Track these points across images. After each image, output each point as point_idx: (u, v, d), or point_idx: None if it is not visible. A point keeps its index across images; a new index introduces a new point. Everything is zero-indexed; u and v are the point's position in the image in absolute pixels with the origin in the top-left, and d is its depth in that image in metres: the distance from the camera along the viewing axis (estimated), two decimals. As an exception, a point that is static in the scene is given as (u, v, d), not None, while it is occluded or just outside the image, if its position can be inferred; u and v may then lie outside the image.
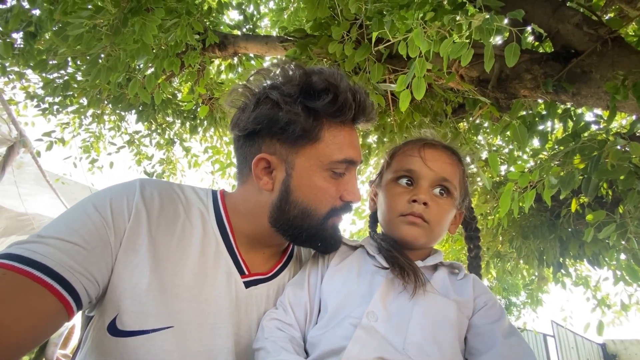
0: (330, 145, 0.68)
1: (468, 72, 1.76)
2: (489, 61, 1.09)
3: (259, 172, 0.69)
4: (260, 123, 0.67)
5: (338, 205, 0.71)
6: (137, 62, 1.80)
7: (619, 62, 1.40)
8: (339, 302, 0.68)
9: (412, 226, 0.73)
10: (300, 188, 0.68)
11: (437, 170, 0.75)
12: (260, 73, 0.71)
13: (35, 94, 2.92)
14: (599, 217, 1.53)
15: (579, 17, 1.52)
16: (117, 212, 0.63)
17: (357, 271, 0.74)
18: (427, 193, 0.74)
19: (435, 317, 0.64)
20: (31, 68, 2.05)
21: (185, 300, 0.63)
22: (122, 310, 0.60)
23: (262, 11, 3.39)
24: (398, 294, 0.68)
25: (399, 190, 0.77)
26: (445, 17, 1.17)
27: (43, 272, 0.53)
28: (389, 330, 0.62)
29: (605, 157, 1.30)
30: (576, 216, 2.40)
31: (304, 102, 0.66)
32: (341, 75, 0.69)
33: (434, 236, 0.75)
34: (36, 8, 1.70)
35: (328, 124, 0.68)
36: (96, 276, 0.58)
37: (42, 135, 3.10)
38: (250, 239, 0.74)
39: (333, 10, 1.64)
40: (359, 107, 0.69)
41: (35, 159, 3.36)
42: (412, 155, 0.78)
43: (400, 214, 0.74)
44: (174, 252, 0.65)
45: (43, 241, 0.56)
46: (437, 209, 0.74)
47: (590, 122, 1.77)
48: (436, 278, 0.72)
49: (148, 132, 3.68)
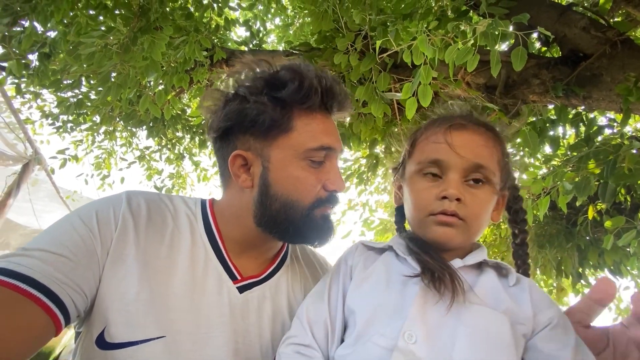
0: (303, 133, 0.66)
1: (474, 79, 1.75)
2: (496, 66, 1.08)
3: (236, 170, 0.68)
4: (230, 119, 0.67)
5: (323, 196, 0.68)
6: (147, 78, 1.85)
7: (630, 64, 1.37)
8: (367, 316, 0.60)
9: (446, 227, 0.62)
10: (279, 180, 0.66)
11: (470, 156, 0.62)
12: (230, 75, 0.72)
13: (51, 113, 3.02)
14: (618, 223, 1.47)
15: (586, 21, 1.51)
16: (103, 222, 0.62)
17: (386, 278, 0.64)
18: (459, 186, 0.62)
19: (485, 336, 0.53)
20: (46, 87, 2.12)
21: (175, 310, 0.61)
22: (110, 321, 0.58)
23: (269, 27, 3.47)
24: (437, 306, 0.57)
25: (426, 184, 0.65)
26: (449, 25, 1.17)
27: (29, 284, 0.51)
28: (430, 355, 0.53)
29: (621, 162, 1.26)
30: (594, 224, 2.32)
31: (270, 93, 0.66)
32: (308, 66, 0.68)
33: (472, 233, 0.63)
34: (51, 30, 1.77)
35: (298, 112, 0.67)
36: (83, 287, 0.57)
37: (57, 152, 3.19)
38: (240, 244, 0.72)
39: (337, 23, 1.66)
40: (327, 91, 0.68)
41: (50, 176, 3.44)
42: (437, 142, 0.65)
43: (429, 213, 0.63)
44: (163, 261, 0.64)
45: (28, 254, 0.55)
46: (474, 202, 0.62)
47: (603, 126, 1.74)
48: (483, 283, 0.60)
49: (158, 148, 3.75)
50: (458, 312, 0.56)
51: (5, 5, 1.59)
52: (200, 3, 2.16)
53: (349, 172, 3.10)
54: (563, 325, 0.56)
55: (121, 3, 1.70)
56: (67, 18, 1.81)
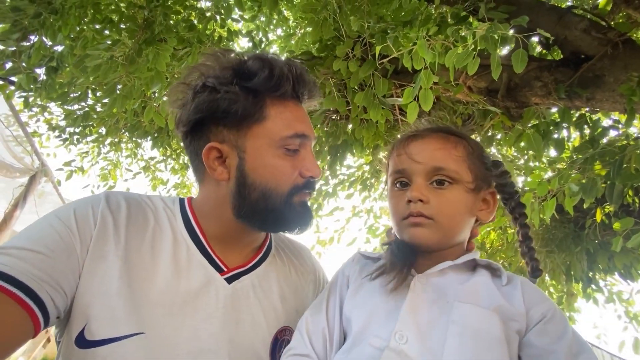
0: (277, 122, 0.66)
1: (476, 83, 1.76)
2: (497, 69, 1.08)
3: (211, 163, 0.67)
4: (201, 111, 0.66)
5: (300, 183, 0.69)
6: (151, 89, 1.88)
7: (633, 64, 1.37)
8: (363, 321, 0.62)
9: (416, 227, 0.65)
10: (256, 169, 0.66)
11: (425, 161, 0.67)
12: (195, 68, 0.70)
13: (57, 126, 3.07)
14: (627, 224, 1.44)
15: (586, 23, 1.51)
16: (81, 220, 0.61)
17: (382, 286, 0.66)
18: (422, 189, 0.66)
19: (475, 334, 0.55)
20: (53, 100, 2.17)
21: (158, 305, 0.61)
22: (91, 318, 0.57)
23: (271, 38, 3.52)
24: (428, 306, 0.60)
25: (397, 193, 0.70)
26: (449, 29, 1.18)
27: (4, 280, 0.50)
28: (421, 354, 0.54)
29: (627, 162, 1.25)
30: (602, 226, 2.28)
31: (240, 83, 0.65)
32: (276, 54, 0.69)
33: (446, 231, 0.66)
34: (58, 44, 1.81)
35: (271, 101, 0.67)
36: (63, 285, 0.56)
37: (63, 164, 3.24)
38: (222, 240, 0.72)
39: (337, 31, 1.68)
40: (297, 79, 0.68)
41: (56, 187, 3.48)
42: (400, 154, 0.71)
43: (402, 217, 0.68)
44: (144, 257, 0.64)
45: (3, 252, 0.54)
46: (439, 201, 0.65)
47: (608, 128, 1.72)
48: (474, 283, 0.62)
49: (163, 158, 3.79)
50: (449, 312, 0.57)
51: (15, 21, 1.64)
52: (203, 15, 2.20)
53: (353, 178, 3.10)
54: (557, 319, 0.57)
55: (126, 17, 1.75)
56: (74, 32, 1.85)
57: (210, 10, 2.26)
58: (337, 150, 2.57)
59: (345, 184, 3.07)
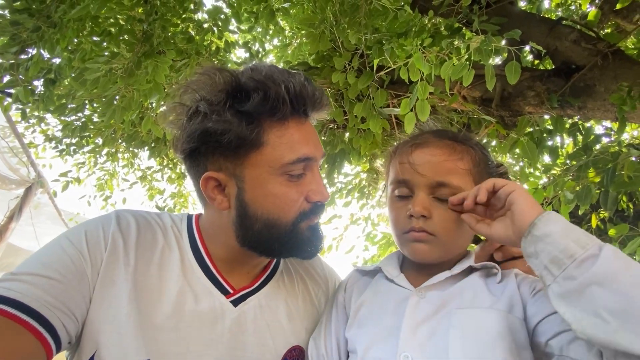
0: (277, 147, 0.61)
1: (470, 93, 1.79)
2: (491, 80, 1.11)
3: (210, 192, 0.64)
4: (193, 140, 0.61)
5: (307, 208, 0.64)
6: (149, 100, 1.89)
7: (622, 74, 1.40)
8: (366, 344, 0.62)
9: (418, 243, 0.64)
10: (257, 200, 0.62)
11: (429, 174, 0.64)
12: (189, 86, 0.65)
13: (54, 136, 3.06)
14: (622, 231, 1.46)
15: (576, 34, 1.55)
16: (92, 243, 0.60)
17: (380, 302, 0.66)
18: (425, 203, 0.63)
19: (476, 334, 0.55)
20: (51, 112, 2.17)
21: (164, 330, 0.60)
22: (100, 344, 0.56)
23: (267, 48, 3.56)
24: (427, 319, 0.59)
25: (398, 204, 0.67)
26: (443, 42, 1.21)
27: (18, 309, 0.50)
28: None
29: (620, 169, 1.27)
30: (598, 233, 2.31)
31: (234, 107, 0.60)
32: (273, 69, 0.62)
33: (448, 247, 0.65)
34: (56, 57, 1.82)
35: (269, 125, 0.61)
36: (74, 310, 0.55)
37: (59, 175, 3.22)
38: (227, 262, 0.70)
39: (334, 43, 1.71)
40: (296, 98, 0.62)
41: (52, 198, 3.46)
42: (402, 163, 0.67)
43: (402, 231, 0.66)
44: (153, 279, 0.63)
45: (16, 278, 0.53)
46: (442, 218, 0.63)
47: (600, 135, 1.76)
48: (471, 287, 0.62)
49: (160, 168, 3.78)
50: (448, 319, 0.57)
51: (14, 35, 1.65)
52: (200, 27, 2.23)
53: (350, 186, 3.11)
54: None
55: (125, 29, 1.76)
56: (72, 45, 1.87)
57: (207, 22, 2.29)
58: (335, 158, 2.59)
59: (343, 192, 3.09)
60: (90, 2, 1.46)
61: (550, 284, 0.49)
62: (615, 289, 0.43)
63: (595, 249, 0.46)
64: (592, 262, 0.45)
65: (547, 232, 0.50)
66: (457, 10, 1.68)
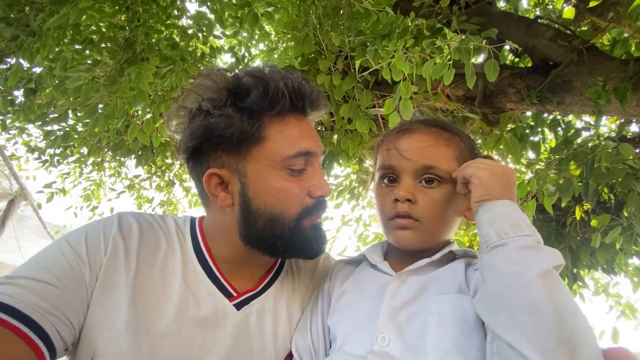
0: (278, 141, 0.62)
1: (453, 91, 1.82)
2: (471, 78, 1.13)
3: (213, 190, 0.65)
4: (197, 137, 0.62)
5: (309, 204, 0.65)
6: (134, 108, 1.87)
7: (597, 69, 1.45)
8: (346, 330, 0.62)
9: (403, 230, 0.64)
10: (259, 195, 0.62)
11: (416, 158, 0.64)
12: (192, 90, 0.66)
13: (37, 147, 2.99)
14: (604, 221, 1.51)
15: (552, 32, 1.60)
16: (92, 247, 0.60)
17: (362, 288, 0.67)
18: (410, 187, 0.64)
19: (454, 321, 0.55)
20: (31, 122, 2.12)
21: (166, 335, 0.59)
22: (97, 352, 0.55)
23: (254, 53, 3.56)
24: (407, 303, 0.60)
25: (384, 190, 0.68)
26: (425, 42, 1.23)
27: (9, 314, 0.49)
28: (404, 352, 0.55)
29: (598, 161, 1.31)
30: (583, 224, 2.37)
31: (235, 103, 0.62)
32: (273, 68, 0.64)
33: (432, 233, 0.65)
34: (37, 66, 1.79)
35: (269, 120, 0.62)
36: (70, 317, 0.54)
37: (43, 187, 3.14)
38: (231, 263, 0.70)
39: (319, 46, 1.73)
40: (295, 93, 0.63)
41: (36, 211, 3.38)
42: (389, 149, 0.68)
43: (388, 217, 0.66)
44: (155, 283, 0.62)
45: (11, 282, 0.52)
46: (427, 202, 0.63)
47: (580, 129, 1.81)
48: (449, 274, 0.62)
49: (148, 176, 3.73)
50: (427, 305, 0.58)
51: (-9, 45, 1.62)
52: (185, 33, 2.22)
53: (341, 188, 3.12)
54: None
55: (107, 37, 1.75)
56: (52, 53, 1.83)
57: (192, 28, 2.28)
58: (324, 160, 2.60)
59: (334, 193, 3.10)
60: (69, 10, 1.44)
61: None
62: (495, 279, 0.49)
63: (510, 240, 0.51)
64: (499, 250, 0.50)
65: (482, 218, 0.55)
66: (437, 11, 1.71)
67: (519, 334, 0.44)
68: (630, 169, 1.42)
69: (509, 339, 0.44)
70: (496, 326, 0.47)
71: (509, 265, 0.48)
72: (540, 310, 0.43)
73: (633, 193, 1.39)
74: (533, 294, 0.44)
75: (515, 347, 0.43)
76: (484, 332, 0.54)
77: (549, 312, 0.43)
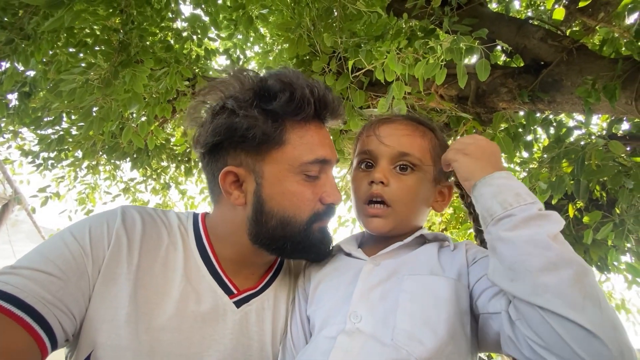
0: (298, 146, 0.64)
1: (447, 92, 1.84)
2: (462, 78, 1.15)
3: (227, 187, 0.65)
4: (219, 134, 0.63)
5: (320, 210, 0.66)
6: (129, 110, 1.87)
7: (587, 69, 1.48)
8: (323, 316, 0.64)
9: (374, 218, 0.69)
10: (274, 196, 0.64)
11: (393, 144, 0.69)
12: (215, 86, 0.67)
13: (31, 151, 2.98)
14: (595, 217, 1.53)
15: (542, 32, 1.63)
16: (95, 239, 0.60)
17: (338, 275, 0.69)
18: (386, 171, 0.69)
19: (424, 299, 0.59)
20: (26, 125, 2.11)
21: (165, 330, 0.60)
22: (97, 345, 0.56)
23: (249, 55, 3.57)
24: (380, 284, 0.63)
25: (361, 174, 0.72)
26: (417, 43, 1.25)
27: (13, 303, 0.50)
28: (375, 326, 0.57)
29: (589, 159, 1.33)
30: (575, 221, 2.39)
31: (260, 106, 0.63)
32: (298, 74, 0.65)
33: (402, 218, 0.69)
34: (31, 69, 1.79)
35: (291, 124, 0.64)
36: (72, 308, 0.55)
37: (38, 191, 3.12)
38: (234, 261, 0.70)
39: (313, 47, 1.74)
40: (320, 101, 0.65)
41: (30, 215, 3.35)
42: (369, 135, 0.73)
43: (363, 200, 0.70)
44: (156, 278, 0.62)
45: (15, 272, 0.53)
46: (399, 186, 0.68)
47: (572, 128, 1.84)
48: (423, 255, 0.66)
49: (143, 179, 3.71)
50: (399, 284, 0.61)
51: (-16, 48, 1.61)
52: (179, 36, 2.22)
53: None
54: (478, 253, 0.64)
55: (101, 40, 1.75)
56: (47, 57, 1.83)
57: (186, 30, 2.29)
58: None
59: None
60: (64, 14, 1.44)
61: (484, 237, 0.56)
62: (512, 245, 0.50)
63: (516, 210, 0.52)
64: (506, 222, 0.52)
65: (482, 192, 0.57)
66: (430, 12, 1.73)
67: (548, 295, 0.45)
68: (621, 166, 1.45)
69: (539, 302, 0.46)
70: (521, 292, 0.48)
71: (522, 233, 0.50)
72: (562, 269, 0.46)
73: (624, 190, 1.41)
74: (551, 255, 0.47)
75: (548, 307, 0.45)
76: (452, 309, 0.57)
77: (570, 269, 0.46)
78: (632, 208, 1.63)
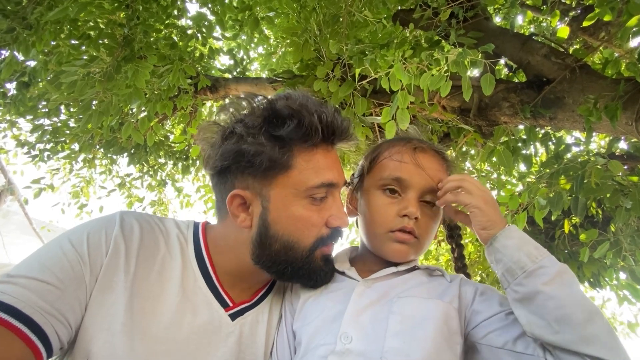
0: (304, 171, 0.64)
1: (449, 103, 1.85)
2: (467, 91, 1.15)
3: (234, 210, 0.66)
4: (227, 159, 0.64)
5: (325, 234, 0.67)
6: (129, 106, 1.85)
7: (589, 87, 1.49)
8: (311, 333, 0.64)
9: (402, 244, 0.67)
10: (279, 220, 0.64)
11: (430, 178, 0.68)
12: (227, 108, 0.69)
13: (26, 142, 2.94)
14: (592, 236, 1.53)
15: (546, 49, 1.64)
16: (93, 246, 0.60)
17: (328, 293, 0.69)
18: (417, 205, 0.67)
19: (412, 319, 0.60)
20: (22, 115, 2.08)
21: (160, 342, 0.59)
22: (92, 353, 0.55)
23: (252, 56, 3.57)
24: (371, 305, 0.63)
25: (385, 200, 0.69)
26: (423, 53, 1.25)
27: (10, 314, 0.49)
28: (365, 346, 0.58)
29: (588, 177, 1.34)
30: (570, 237, 2.41)
31: (269, 131, 0.63)
32: (307, 98, 0.66)
33: (422, 250, 0.71)
34: (31, 60, 1.76)
35: (298, 150, 0.64)
36: (68, 317, 0.55)
37: (31, 182, 3.08)
38: (232, 276, 0.70)
39: (318, 52, 1.74)
40: (328, 128, 0.65)
41: (23, 206, 3.30)
42: (403, 161, 0.70)
43: (389, 229, 0.68)
44: (152, 288, 0.62)
45: (12, 281, 0.53)
46: (427, 222, 0.69)
47: (571, 144, 1.85)
48: (413, 281, 0.68)
49: (140, 175, 3.68)
50: (390, 306, 0.62)
51: (-15, 36, 1.59)
52: (184, 33, 2.21)
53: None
54: (488, 290, 0.65)
55: (105, 33, 1.73)
56: (48, 48, 1.81)
57: (191, 29, 2.28)
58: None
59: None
60: (70, 5, 1.43)
61: (507, 288, 0.57)
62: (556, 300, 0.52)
63: (544, 262, 0.55)
64: (540, 274, 0.54)
65: (505, 244, 0.58)
66: (436, 23, 1.74)
67: (598, 345, 0.49)
68: (619, 185, 1.46)
69: (589, 351, 0.49)
70: (567, 343, 0.51)
71: (563, 289, 0.53)
72: (597, 318, 0.51)
73: (621, 209, 1.42)
74: (588, 306, 0.52)
75: (597, 355, 0.49)
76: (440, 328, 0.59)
77: (601, 317, 0.51)
78: (628, 227, 1.64)
